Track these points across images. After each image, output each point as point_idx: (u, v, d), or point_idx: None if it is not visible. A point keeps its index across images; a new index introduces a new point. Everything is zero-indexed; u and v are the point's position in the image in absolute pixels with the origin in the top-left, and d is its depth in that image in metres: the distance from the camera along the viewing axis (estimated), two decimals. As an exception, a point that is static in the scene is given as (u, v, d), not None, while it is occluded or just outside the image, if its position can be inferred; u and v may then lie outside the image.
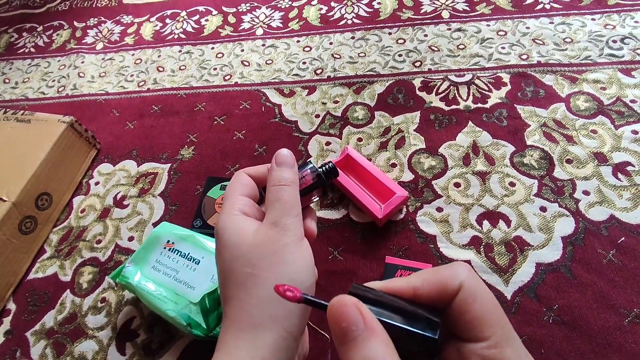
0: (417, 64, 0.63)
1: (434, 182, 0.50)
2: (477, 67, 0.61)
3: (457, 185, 0.49)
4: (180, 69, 0.72)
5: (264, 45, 0.73)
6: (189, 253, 0.42)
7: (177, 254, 0.42)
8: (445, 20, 0.69)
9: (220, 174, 0.55)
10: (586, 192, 0.46)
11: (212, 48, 0.75)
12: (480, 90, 0.58)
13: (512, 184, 0.48)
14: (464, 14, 0.69)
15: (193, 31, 0.79)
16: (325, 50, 0.69)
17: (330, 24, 0.73)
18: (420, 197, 0.49)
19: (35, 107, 0.72)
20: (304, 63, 0.67)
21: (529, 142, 0.51)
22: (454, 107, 0.56)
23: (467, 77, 0.59)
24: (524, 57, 0.60)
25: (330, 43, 0.70)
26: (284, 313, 0.23)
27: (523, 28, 0.64)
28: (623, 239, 0.42)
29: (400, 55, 0.65)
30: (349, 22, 0.73)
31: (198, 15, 0.82)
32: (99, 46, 0.81)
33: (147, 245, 0.43)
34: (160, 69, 0.73)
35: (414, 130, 0.55)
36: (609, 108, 0.52)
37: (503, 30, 0.65)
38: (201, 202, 0.51)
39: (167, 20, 0.83)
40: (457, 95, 0.58)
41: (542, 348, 0.37)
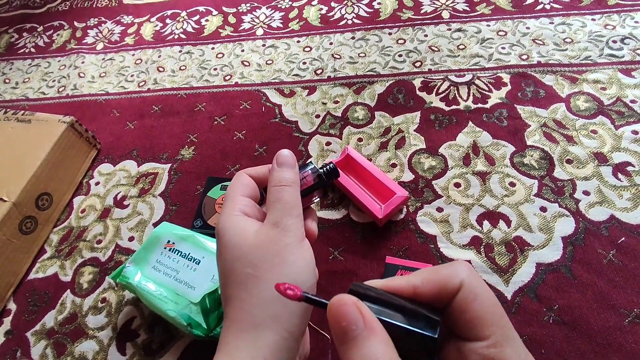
0: (417, 64, 0.63)
1: (434, 182, 0.50)
2: (477, 67, 0.61)
3: (457, 185, 0.49)
4: (180, 69, 0.72)
5: (264, 45, 0.73)
6: (189, 253, 0.42)
7: (177, 254, 0.42)
8: (445, 20, 0.69)
9: (220, 174, 0.55)
10: (586, 192, 0.46)
11: (213, 48, 0.75)
12: (480, 90, 0.58)
13: (512, 184, 0.48)
14: (464, 14, 0.69)
15: (193, 31, 0.79)
16: (325, 50, 0.69)
17: (330, 24, 0.73)
18: (421, 197, 0.49)
19: (35, 107, 0.72)
20: (304, 63, 0.68)
21: (529, 142, 0.51)
22: (454, 107, 0.56)
23: (467, 78, 0.60)
24: (524, 57, 0.60)
25: (331, 43, 0.70)
26: (285, 313, 0.23)
27: (523, 28, 0.64)
28: (623, 239, 0.42)
29: (400, 56, 0.65)
30: (349, 22, 0.73)
31: (198, 16, 0.82)
32: (100, 46, 0.81)
33: (148, 246, 0.43)
34: (161, 69, 0.73)
35: (414, 131, 0.55)
36: (609, 108, 0.52)
37: (503, 31, 0.65)
38: (201, 202, 0.51)
39: (168, 21, 0.83)
40: (457, 95, 0.58)
41: (542, 348, 0.37)
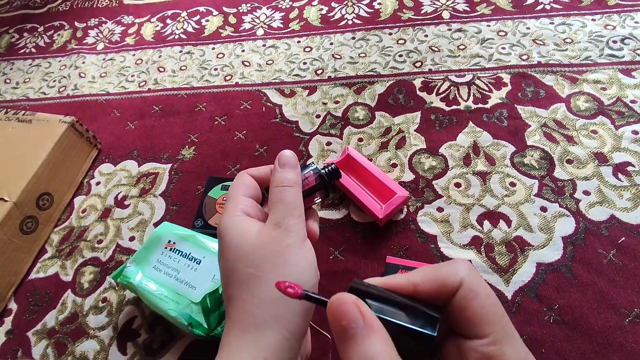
0: (418, 64, 0.63)
1: (434, 182, 0.50)
2: (477, 67, 0.61)
3: (457, 185, 0.49)
4: (181, 69, 0.72)
5: (264, 45, 0.73)
6: (190, 253, 0.42)
7: (178, 254, 0.42)
8: (445, 20, 0.69)
9: (221, 174, 0.56)
10: (586, 192, 0.46)
11: (213, 48, 0.75)
12: (480, 90, 0.58)
13: (513, 184, 0.48)
14: (465, 15, 0.69)
15: (194, 31, 0.79)
16: (325, 50, 0.69)
17: (330, 24, 0.73)
18: (421, 197, 0.49)
19: (36, 108, 0.72)
20: (305, 63, 0.68)
21: (529, 142, 0.51)
22: (454, 107, 0.57)
23: (468, 78, 0.60)
24: (525, 57, 0.60)
25: (331, 43, 0.70)
26: (286, 313, 0.23)
27: (523, 28, 0.64)
28: (623, 239, 0.42)
29: (400, 56, 0.65)
30: (350, 22, 0.73)
31: (199, 16, 0.82)
32: (100, 46, 0.81)
33: (148, 245, 0.44)
34: (161, 69, 0.73)
35: (415, 131, 0.55)
36: (609, 108, 0.53)
37: (503, 31, 0.65)
38: (202, 202, 0.51)
39: (168, 21, 0.83)
40: (457, 95, 0.58)
41: (542, 348, 0.37)
